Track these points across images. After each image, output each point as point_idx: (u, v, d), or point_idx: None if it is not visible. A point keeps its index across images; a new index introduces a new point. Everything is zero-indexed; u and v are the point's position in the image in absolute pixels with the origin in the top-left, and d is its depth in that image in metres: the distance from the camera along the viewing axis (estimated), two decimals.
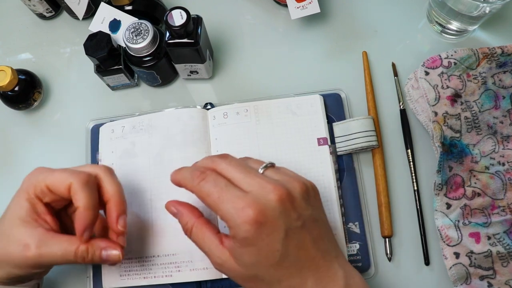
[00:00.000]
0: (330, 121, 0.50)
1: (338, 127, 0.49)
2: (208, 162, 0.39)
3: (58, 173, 0.39)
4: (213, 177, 0.36)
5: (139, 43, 0.48)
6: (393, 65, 0.53)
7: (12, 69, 0.51)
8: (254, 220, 0.33)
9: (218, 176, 0.37)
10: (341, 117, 0.51)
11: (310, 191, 0.37)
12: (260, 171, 0.37)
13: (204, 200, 0.36)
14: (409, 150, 0.50)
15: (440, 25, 0.54)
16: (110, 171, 0.42)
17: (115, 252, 0.39)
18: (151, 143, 0.49)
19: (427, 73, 0.49)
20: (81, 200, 0.38)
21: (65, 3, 0.55)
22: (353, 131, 0.48)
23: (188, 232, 0.39)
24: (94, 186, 0.40)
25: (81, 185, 0.38)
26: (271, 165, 0.38)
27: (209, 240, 0.37)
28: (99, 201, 0.40)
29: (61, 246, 0.38)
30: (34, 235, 0.38)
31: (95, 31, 0.50)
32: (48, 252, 0.38)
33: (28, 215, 0.39)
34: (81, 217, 0.38)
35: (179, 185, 0.39)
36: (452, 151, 0.47)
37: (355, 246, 0.46)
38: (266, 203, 0.34)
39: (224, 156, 0.39)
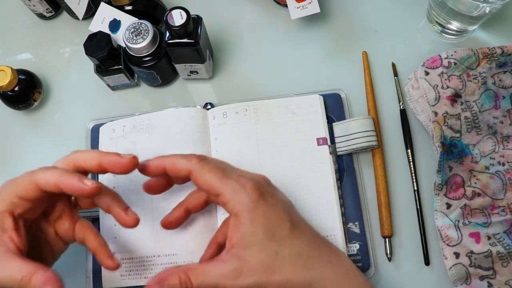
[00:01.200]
0: (330, 121, 0.50)
1: (338, 127, 0.49)
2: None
3: (25, 176, 0.37)
4: (214, 159, 0.39)
5: (139, 43, 0.48)
6: (393, 65, 0.53)
7: (12, 69, 0.51)
8: (258, 189, 0.36)
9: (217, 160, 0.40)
10: (341, 117, 0.51)
11: None
12: None
13: (205, 178, 0.37)
14: (409, 150, 0.50)
15: (440, 25, 0.54)
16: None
17: None
18: (151, 142, 0.49)
19: (427, 73, 0.49)
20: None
21: (65, 3, 0.55)
22: (353, 131, 0.48)
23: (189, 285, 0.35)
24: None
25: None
26: None
27: (208, 269, 0.35)
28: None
29: (10, 271, 0.34)
30: None
31: (95, 31, 0.50)
32: None
33: None
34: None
35: (162, 170, 0.38)
36: (452, 151, 0.47)
37: (355, 246, 0.46)
38: (261, 182, 0.38)
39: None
